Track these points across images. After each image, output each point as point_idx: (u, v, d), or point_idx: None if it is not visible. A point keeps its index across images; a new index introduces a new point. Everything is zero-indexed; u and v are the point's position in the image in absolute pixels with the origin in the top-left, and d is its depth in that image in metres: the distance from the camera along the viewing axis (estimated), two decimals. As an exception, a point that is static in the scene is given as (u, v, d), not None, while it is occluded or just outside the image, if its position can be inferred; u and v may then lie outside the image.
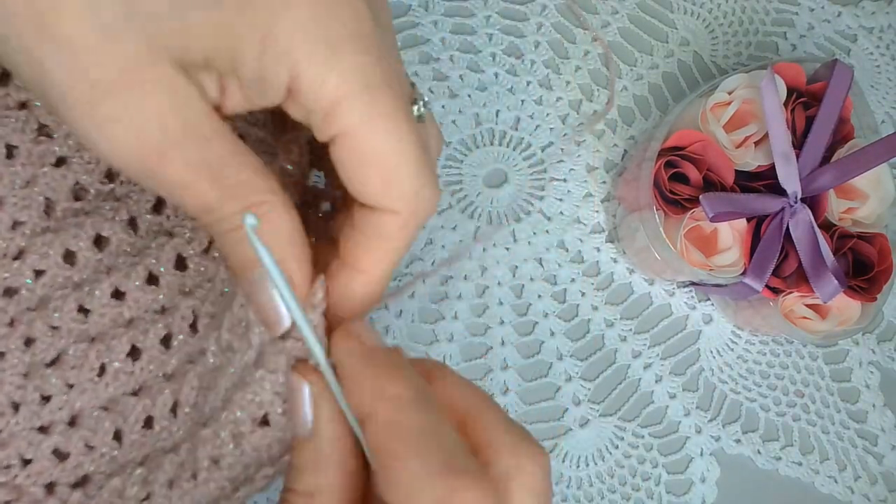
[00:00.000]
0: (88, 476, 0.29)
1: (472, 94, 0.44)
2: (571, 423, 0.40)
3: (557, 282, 0.42)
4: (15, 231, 0.30)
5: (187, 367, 0.30)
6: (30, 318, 0.30)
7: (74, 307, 0.30)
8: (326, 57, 0.19)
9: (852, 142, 0.39)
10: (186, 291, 0.31)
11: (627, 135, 0.45)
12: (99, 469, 0.29)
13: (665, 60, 0.47)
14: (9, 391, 0.29)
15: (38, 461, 0.29)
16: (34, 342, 0.30)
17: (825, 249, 0.37)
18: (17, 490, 0.28)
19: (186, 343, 0.30)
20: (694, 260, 0.37)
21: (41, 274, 0.30)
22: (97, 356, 0.29)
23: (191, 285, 0.31)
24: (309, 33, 0.19)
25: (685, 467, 0.40)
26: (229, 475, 0.27)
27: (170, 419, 0.30)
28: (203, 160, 0.20)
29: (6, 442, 0.29)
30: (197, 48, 0.19)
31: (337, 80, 0.20)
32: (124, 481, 0.29)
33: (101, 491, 0.29)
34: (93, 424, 0.29)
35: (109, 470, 0.29)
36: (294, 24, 0.19)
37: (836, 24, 0.49)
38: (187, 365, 0.30)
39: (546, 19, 0.46)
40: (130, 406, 0.30)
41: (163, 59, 0.19)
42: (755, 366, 0.42)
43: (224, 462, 0.26)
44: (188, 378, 0.29)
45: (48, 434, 0.29)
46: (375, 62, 0.20)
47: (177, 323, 0.30)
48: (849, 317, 0.38)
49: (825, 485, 0.41)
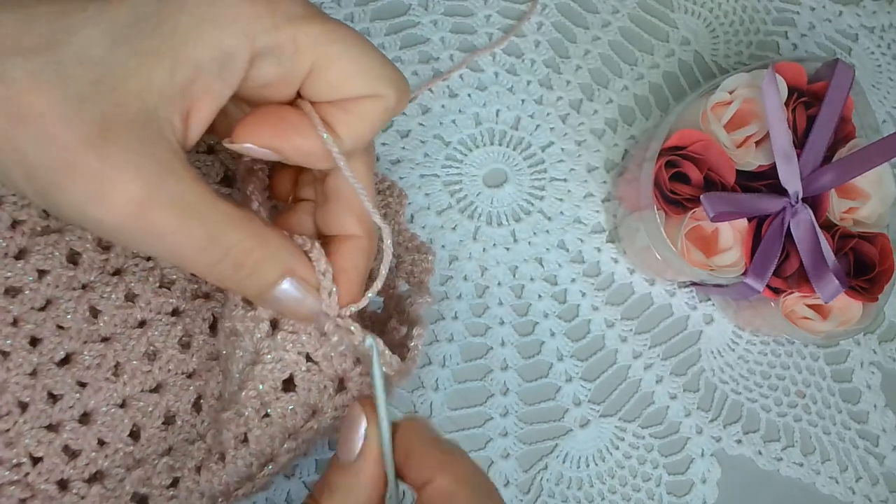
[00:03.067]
0: (103, 472, 0.30)
1: (471, 93, 0.44)
2: (572, 424, 0.40)
3: (558, 282, 0.42)
4: (15, 230, 0.31)
5: (211, 365, 0.31)
6: (36, 318, 0.30)
7: (85, 308, 0.30)
8: (265, 13, 0.22)
9: (853, 141, 0.39)
10: (202, 295, 0.32)
11: (628, 134, 0.45)
12: (114, 464, 0.30)
13: (666, 60, 0.46)
14: (15, 390, 0.29)
15: (48, 459, 0.29)
16: (40, 342, 0.30)
17: (826, 249, 0.36)
18: (30, 488, 0.29)
19: (207, 343, 0.31)
20: (695, 260, 0.37)
21: (45, 274, 0.30)
22: (113, 356, 0.30)
23: (207, 289, 0.32)
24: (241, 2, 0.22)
25: (686, 468, 0.40)
26: (257, 449, 0.28)
27: (192, 414, 0.31)
28: (183, 200, 0.22)
29: (14, 441, 0.29)
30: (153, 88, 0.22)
31: (288, 28, 0.23)
32: (148, 472, 0.30)
33: (122, 483, 0.29)
34: (108, 422, 0.30)
35: (127, 465, 0.30)
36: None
37: (838, 23, 0.49)
38: (210, 363, 0.31)
39: (546, 18, 0.46)
40: (151, 403, 0.30)
41: (128, 112, 0.21)
42: (756, 366, 0.42)
43: (252, 436, 0.28)
44: (213, 374, 0.31)
45: (58, 432, 0.29)
46: (308, 3, 0.23)
47: (197, 324, 0.31)
48: (850, 317, 0.38)
49: (826, 485, 0.41)
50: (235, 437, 0.28)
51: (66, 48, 0.21)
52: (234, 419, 0.28)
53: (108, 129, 0.21)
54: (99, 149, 0.21)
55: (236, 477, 0.28)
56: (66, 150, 0.20)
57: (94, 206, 0.21)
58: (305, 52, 0.23)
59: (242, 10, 0.22)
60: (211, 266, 0.24)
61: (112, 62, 0.21)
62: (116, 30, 0.21)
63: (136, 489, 0.29)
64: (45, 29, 0.21)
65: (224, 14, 0.22)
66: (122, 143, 0.21)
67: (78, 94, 0.21)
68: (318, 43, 0.23)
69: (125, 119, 0.21)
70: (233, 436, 0.28)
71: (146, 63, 0.21)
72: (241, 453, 0.28)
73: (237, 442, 0.28)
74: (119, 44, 0.21)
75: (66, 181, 0.21)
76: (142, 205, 0.21)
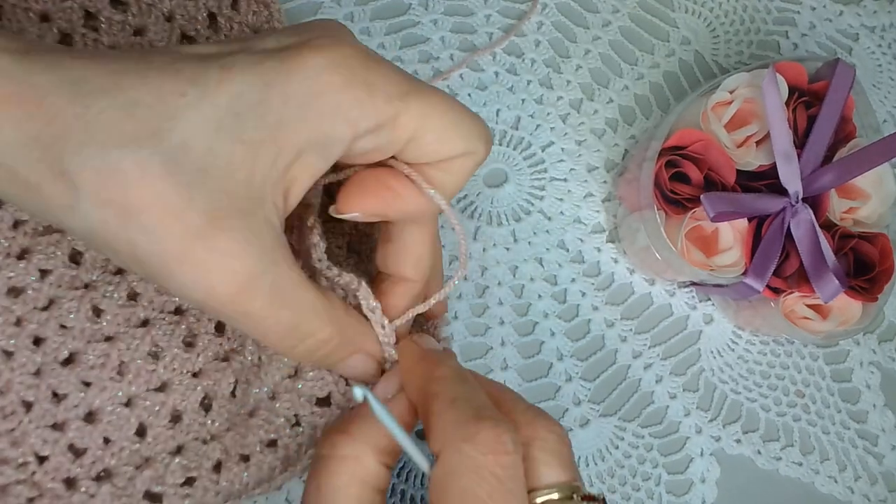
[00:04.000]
0: (110, 470, 0.30)
1: (472, 93, 0.44)
2: (572, 424, 0.40)
3: (558, 282, 0.42)
4: (17, 230, 0.31)
5: (220, 366, 0.31)
6: (39, 317, 0.30)
7: (88, 307, 0.30)
8: (365, 97, 0.23)
9: (854, 141, 0.39)
10: None
11: (628, 134, 0.45)
12: (122, 462, 0.30)
13: (666, 59, 0.46)
14: (19, 390, 0.29)
15: (53, 457, 0.29)
16: (44, 341, 0.30)
17: (826, 249, 0.36)
18: (38, 487, 0.29)
19: (213, 343, 0.31)
20: (695, 260, 0.37)
21: (47, 274, 0.30)
22: (117, 355, 0.30)
23: None
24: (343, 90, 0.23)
25: (685, 467, 0.40)
26: (283, 455, 0.29)
27: (200, 413, 0.31)
28: (278, 287, 0.23)
29: (20, 440, 0.29)
30: (262, 169, 0.22)
31: (388, 109, 0.23)
32: (160, 470, 0.30)
33: (132, 482, 0.29)
34: (114, 420, 0.30)
35: (135, 463, 0.30)
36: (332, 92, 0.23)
37: (838, 23, 0.49)
38: (219, 363, 0.31)
39: (546, 18, 0.46)
40: (157, 402, 0.30)
41: (235, 202, 0.22)
42: (756, 366, 0.42)
43: (281, 443, 0.29)
44: (225, 374, 0.31)
45: (63, 431, 0.30)
46: (404, 78, 0.24)
47: (203, 324, 0.32)
48: (850, 317, 0.38)
49: (825, 485, 0.41)
50: (262, 441, 0.29)
51: (171, 136, 0.21)
52: (262, 426, 0.29)
53: (215, 219, 0.21)
54: (207, 240, 0.21)
55: (258, 479, 0.29)
56: (175, 241, 0.21)
57: (198, 292, 0.22)
58: (405, 127, 0.24)
59: (344, 98, 0.22)
60: (289, 348, 0.25)
61: (217, 151, 0.21)
62: (219, 118, 0.21)
63: (149, 487, 0.30)
64: (147, 115, 0.21)
65: (327, 104, 0.22)
66: (229, 234, 0.21)
67: (186, 183, 0.21)
68: (416, 117, 0.24)
69: (233, 208, 0.22)
70: (259, 440, 0.28)
71: (251, 152, 0.22)
72: (268, 458, 0.29)
73: (263, 446, 0.29)
74: (223, 133, 0.21)
75: (174, 269, 0.21)
76: (242, 293, 0.22)
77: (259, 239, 0.22)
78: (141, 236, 0.21)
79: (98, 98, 0.20)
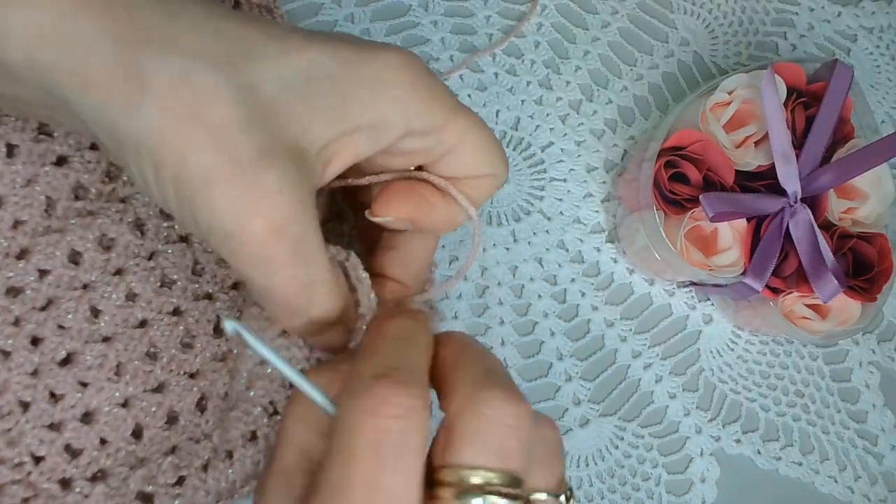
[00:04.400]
0: (105, 470, 0.30)
1: (471, 94, 0.44)
2: (571, 423, 0.40)
3: (557, 282, 0.42)
4: (16, 230, 0.31)
5: (216, 366, 0.31)
6: (37, 317, 0.30)
7: (86, 308, 0.30)
8: (427, 100, 0.25)
9: (852, 142, 0.39)
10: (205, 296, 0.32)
11: (627, 135, 0.45)
12: (117, 463, 0.30)
13: (665, 60, 0.47)
14: (16, 390, 0.29)
15: (49, 458, 0.29)
16: (42, 342, 0.30)
17: (825, 249, 0.37)
18: (33, 487, 0.29)
19: (210, 344, 0.31)
20: (694, 260, 0.37)
21: (46, 274, 0.30)
22: (115, 356, 0.30)
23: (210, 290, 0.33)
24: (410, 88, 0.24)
25: (685, 467, 0.40)
26: (265, 447, 0.28)
27: (196, 414, 0.31)
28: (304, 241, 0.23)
29: (16, 440, 0.29)
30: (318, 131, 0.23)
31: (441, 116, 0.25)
32: (152, 470, 0.30)
33: (126, 482, 0.29)
34: (110, 421, 0.30)
35: (130, 464, 0.30)
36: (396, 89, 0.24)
37: (836, 24, 0.49)
38: (216, 364, 0.31)
39: (546, 19, 0.46)
40: (154, 403, 0.30)
41: (287, 147, 0.22)
42: (755, 366, 0.42)
43: (261, 434, 0.28)
44: (220, 375, 0.31)
45: (59, 432, 0.30)
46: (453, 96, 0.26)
47: (201, 325, 0.31)
48: (849, 317, 0.38)
49: (825, 485, 0.41)
50: (243, 435, 0.28)
51: (244, 73, 0.22)
52: (241, 418, 0.28)
53: (267, 155, 0.22)
54: (257, 168, 0.22)
55: (243, 475, 0.28)
56: (225, 163, 0.21)
57: (234, 221, 0.22)
58: (449, 138, 0.26)
59: (409, 92, 0.24)
60: (288, 317, 0.25)
61: (281, 102, 0.22)
62: (290, 78, 0.23)
63: (141, 488, 0.29)
64: (228, 49, 0.22)
65: (394, 94, 0.24)
66: (277, 172, 0.22)
67: (248, 117, 0.22)
68: (459, 132, 0.26)
69: (283, 151, 0.22)
70: (240, 434, 0.28)
71: (311, 114, 0.23)
72: (250, 452, 0.28)
73: (245, 440, 0.28)
74: (290, 90, 0.23)
75: (215, 191, 0.22)
76: (273, 234, 0.22)
77: (300, 187, 0.23)
78: (194, 149, 0.21)
79: (187, 17, 0.22)
